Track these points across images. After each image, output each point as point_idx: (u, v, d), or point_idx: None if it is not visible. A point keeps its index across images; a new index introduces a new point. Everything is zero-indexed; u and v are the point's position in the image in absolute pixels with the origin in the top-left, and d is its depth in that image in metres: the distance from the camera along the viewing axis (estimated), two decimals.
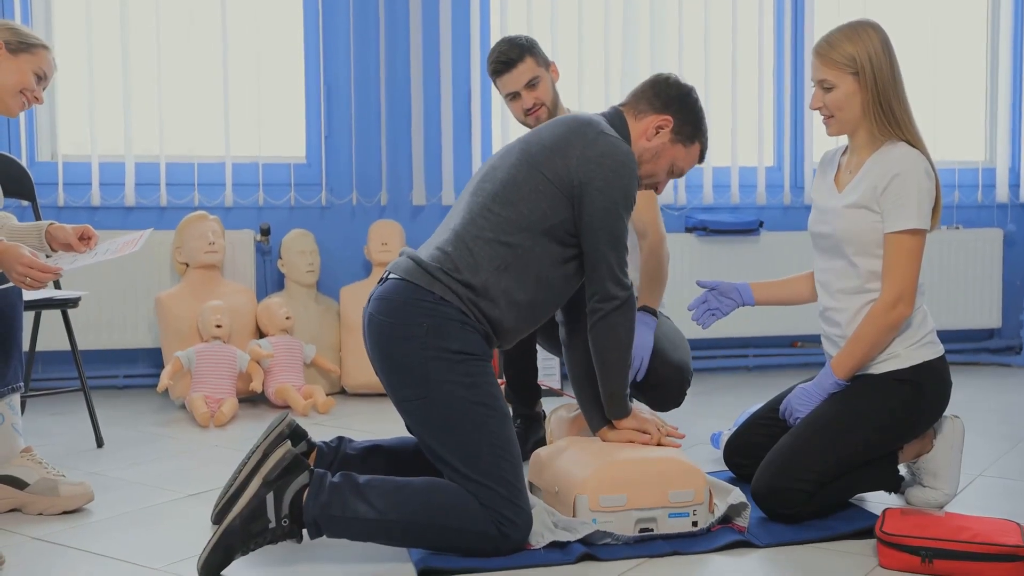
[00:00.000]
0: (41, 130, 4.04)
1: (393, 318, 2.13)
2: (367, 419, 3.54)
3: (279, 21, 4.19)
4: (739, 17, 4.41)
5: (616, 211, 2.18)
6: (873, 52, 2.33)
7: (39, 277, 2.27)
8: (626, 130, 2.31)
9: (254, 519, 1.99)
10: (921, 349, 2.38)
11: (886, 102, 2.34)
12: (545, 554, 2.09)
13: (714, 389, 4.04)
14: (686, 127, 2.33)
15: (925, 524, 2.12)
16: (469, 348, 2.12)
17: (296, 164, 4.18)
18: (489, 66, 2.93)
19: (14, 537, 2.27)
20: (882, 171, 2.33)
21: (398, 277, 2.17)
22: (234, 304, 3.84)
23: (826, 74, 2.36)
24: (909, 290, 2.32)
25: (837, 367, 2.37)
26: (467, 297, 2.13)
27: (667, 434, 2.34)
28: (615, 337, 2.22)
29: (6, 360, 2.45)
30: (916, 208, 2.30)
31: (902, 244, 2.31)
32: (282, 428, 2.19)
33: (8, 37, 2.44)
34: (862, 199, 2.34)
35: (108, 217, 4.00)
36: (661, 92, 2.33)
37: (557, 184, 2.17)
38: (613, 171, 2.17)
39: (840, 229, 2.38)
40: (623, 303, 2.21)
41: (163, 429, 3.39)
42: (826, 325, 2.48)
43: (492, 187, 2.22)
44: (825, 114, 2.41)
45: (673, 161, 2.36)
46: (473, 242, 2.16)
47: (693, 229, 4.36)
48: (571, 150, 2.19)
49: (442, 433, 2.09)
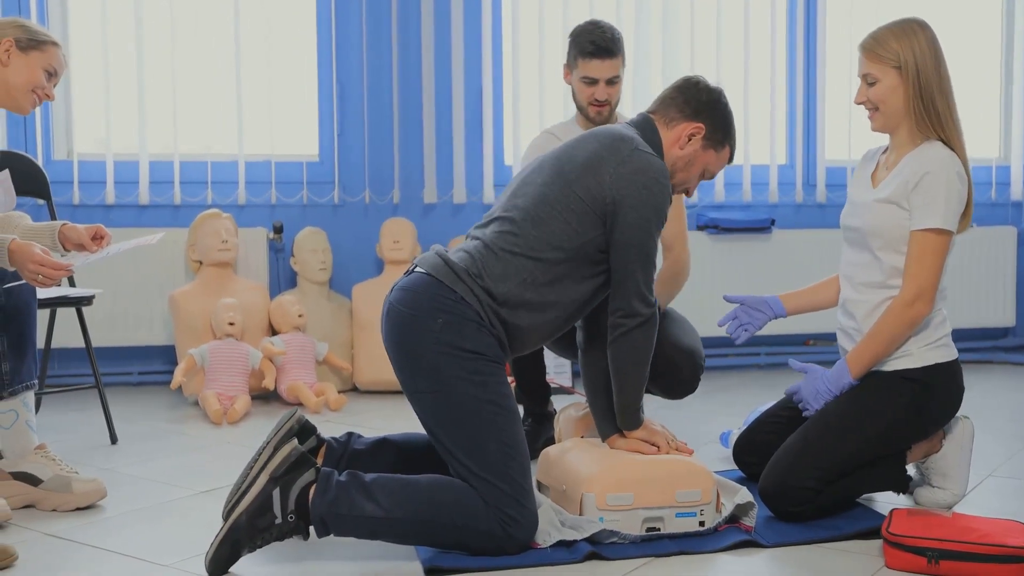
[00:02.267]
0: (57, 129, 4.07)
1: (412, 309, 2.14)
2: (379, 416, 3.56)
3: (292, 20, 4.21)
4: (752, 15, 4.40)
5: (648, 228, 2.18)
6: (918, 48, 2.35)
7: (50, 274, 2.29)
8: (657, 139, 2.30)
9: (260, 514, 2.02)
10: (934, 351, 2.38)
11: (928, 99, 2.35)
12: (552, 553, 2.10)
13: (726, 387, 4.04)
14: (718, 132, 2.33)
15: (932, 525, 2.12)
16: (481, 349, 2.13)
17: (309, 162, 4.20)
18: (585, 44, 2.87)
19: (27, 533, 2.30)
20: (915, 168, 2.33)
21: (424, 271, 2.19)
22: (247, 302, 3.86)
23: (870, 68, 2.38)
24: (929, 288, 2.32)
25: (852, 361, 2.37)
26: (487, 303, 2.15)
27: (676, 448, 2.32)
28: (635, 353, 2.23)
29: (20, 358, 2.48)
30: (943, 208, 2.30)
31: (926, 242, 2.31)
32: (291, 424, 2.20)
33: (18, 34, 2.45)
34: (893, 195, 2.35)
35: (123, 215, 4.03)
36: (692, 98, 2.31)
37: (589, 202, 2.17)
38: (646, 188, 2.17)
39: (868, 222, 2.39)
40: (646, 320, 2.21)
41: (176, 426, 3.42)
42: (843, 317, 2.49)
43: (524, 203, 2.22)
44: (869, 108, 2.42)
45: (705, 166, 2.35)
46: (502, 254, 2.17)
47: (705, 227, 4.35)
48: (604, 167, 2.19)
49: (451, 428, 2.11)
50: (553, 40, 4.23)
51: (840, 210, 2.60)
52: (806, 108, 4.54)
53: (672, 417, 3.42)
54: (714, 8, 4.37)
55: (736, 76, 4.39)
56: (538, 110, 4.23)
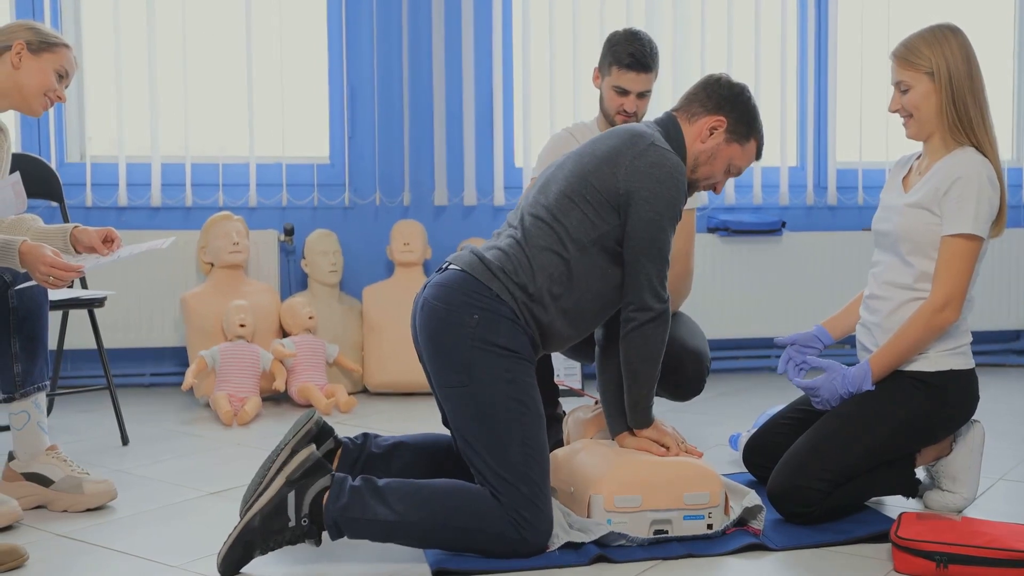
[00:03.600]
0: (70, 132, 4.10)
1: (448, 304, 2.16)
2: (389, 418, 3.57)
3: (303, 23, 4.22)
4: (762, 16, 4.40)
5: (660, 223, 2.19)
6: (950, 55, 2.35)
7: (61, 276, 2.31)
8: (680, 135, 2.31)
9: (274, 517, 2.02)
10: (952, 357, 2.37)
11: (961, 105, 2.35)
12: (559, 555, 2.10)
13: (736, 390, 4.03)
14: (740, 126, 2.33)
15: (941, 528, 2.11)
16: (515, 346, 2.14)
17: (320, 164, 4.22)
18: (623, 55, 2.86)
19: (38, 534, 2.32)
20: (946, 174, 2.33)
21: (459, 268, 2.20)
22: (258, 303, 3.88)
23: (902, 75, 2.39)
24: (958, 295, 2.31)
25: (875, 363, 2.37)
26: (521, 300, 2.16)
27: (685, 450, 2.32)
28: (646, 348, 2.23)
29: (32, 359, 2.50)
30: (974, 213, 2.29)
31: (957, 248, 2.31)
32: (309, 427, 2.20)
33: (30, 37, 2.46)
34: (924, 200, 2.35)
35: (135, 217, 4.06)
36: (713, 93, 2.33)
37: (605, 193, 2.19)
38: (660, 182, 2.18)
39: (898, 226, 2.39)
40: (658, 315, 2.21)
41: (187, 427, 3.43)
42: (866, 312, 2.49)
43: (547, 199, 2.25)
44: (903, 115, 2.42)
45: (730, 160, 2.36)
46: (531, 250, 2.19)
47: (715, 229, 4.35)
48: (620, 160, 2.21)
49: (476, 423, 2.11)
50: (563, 42, 4.23)
51: (851, 212, 2.61)
52: (817, 110, 4.53)
53: (681, 419, 3.41)
54: (724, 9, 4.37)
55: (747, 78, 4.35)
56: (548, 112, 4.23)
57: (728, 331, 4.31)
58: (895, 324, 2.38)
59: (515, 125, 4.31)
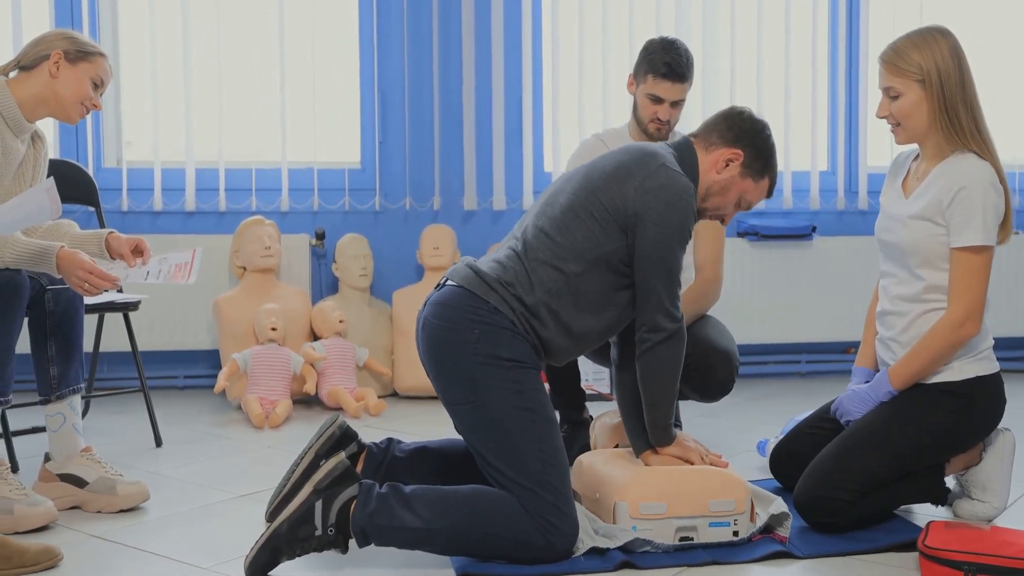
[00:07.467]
0: (107, 137, 4.17)
1: (447, 322, 2.17)
2: (418, 421, 3.59)
3: (335, 30, 4.26)
4: (793, 19, 4.37)
5: (670, 244, 2.18)
6: (941, 59, 2.29)
7: (97, 283, 2.35)
8: (695, 161, 2.30)
9: (302, 524, 2.04)
10: (977, 363, 2.35)
11: (953, 111, 2.30)
12: (585, 561, 2.11)
13: (764, 395, 4.02)
14: (757, 161, 2.31)
15: (969, 538, 2.09)
16: (519, 356, 2.15)
17: (351, 169, 4.25)
18: (659, 64, 2.86)
19: (73, 534, 2.36)
20: (948, 183, 2.29)
21: (455, 284, 2.21)
22: (289, 307, 3.92)
23: (892, 82, 2.33)
24: (977, 309, 2.28)
25: (894, 376, 2.35)
26: (520, 312, 2.17)
27: (711, 462, 2.31)
28: (661, 369, 2.22)
29: (67, 362, 2.54)
30: (981, 223, 2.26)
31: (969, 261, 2.28)
32: (333, 431, 2.23)
33: (67, 46, 2.49)
34: (926, 211, 2.31)
35: (169, 222, 4.11)
36: (733, 125, 2.31)
37: (612, 212, 2.19)
38: (669, 204, 2.18)
39: (904, 240, 2.36)
40: (671, 335, 2.20)
41: (219, 429, 3.48)
42: (882, 328, 2.46)
43: (552, 212, 2.25)
44: (892, 123, 2.37)
45: (742, 194, 2.34)
46: (530, 263, 2.19)
47: (744, 234, 4.33)
48: (630, 179, 2.20)
49: (489, 437, 2.13)
50: (593, 47, 4.24)
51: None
52: (848, 113, 4.49)
53: (710, 425, 3.41)
54: (755, 12, 4.35)
55: (777, 81, 4.37)
56: (577, 117, 4.24)
57: (758, 336, 4.29)
58: (912, 338, 2.36)
59: (544, 130, 4.32)
